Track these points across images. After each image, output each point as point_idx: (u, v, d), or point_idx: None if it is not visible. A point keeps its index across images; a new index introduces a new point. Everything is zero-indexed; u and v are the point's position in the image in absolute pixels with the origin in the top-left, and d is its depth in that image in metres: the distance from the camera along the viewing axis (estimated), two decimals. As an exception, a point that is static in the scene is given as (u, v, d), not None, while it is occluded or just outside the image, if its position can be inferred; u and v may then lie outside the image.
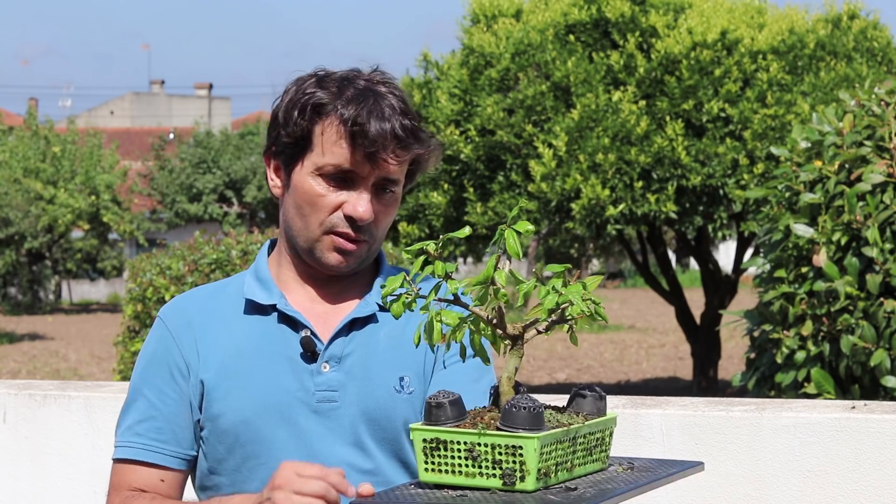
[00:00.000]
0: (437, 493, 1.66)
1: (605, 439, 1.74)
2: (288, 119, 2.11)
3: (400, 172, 2.12)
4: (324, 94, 2.10)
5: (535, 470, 1.61)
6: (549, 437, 1.63)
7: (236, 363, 2.11)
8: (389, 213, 2.14)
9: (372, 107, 2.07)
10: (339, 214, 2.10)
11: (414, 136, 2.09)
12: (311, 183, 2.10)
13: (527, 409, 1.62)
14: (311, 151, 2.10)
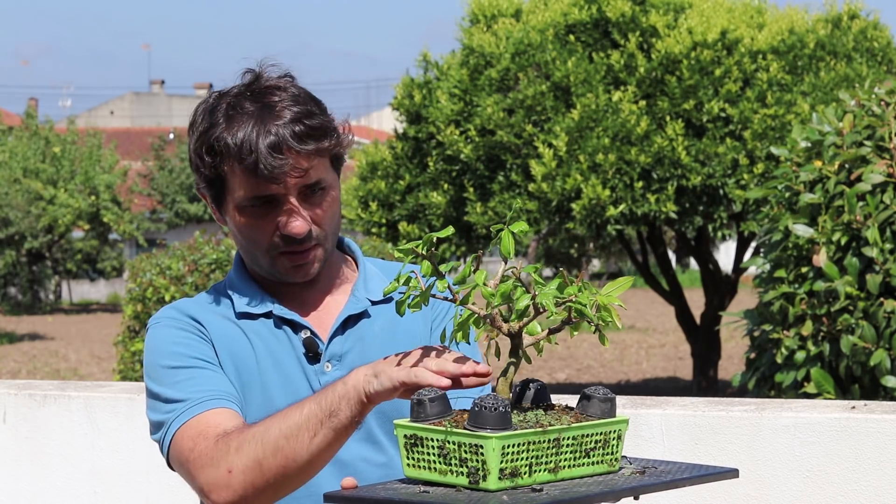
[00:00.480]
0: (405, 487, 1.70)
1: (609, 441, 1.73)
2: (198, 163, 2.10)
3: (315, 173, 2.08)
4: (217, 131, 2.07)
5: (497, 469, 1.62)
6: (513, 436, 1.63)
7: (248, 366, 2.12)
8: (327, 209, 2.12)
9: (259, 127, 2.04)
10: (277, 239, 2.09)
11: (310, 138, 2.06)
12: (241, 217, 2.10)
13: (490, 409, 1.64)
14: (228, 189, 2.10)
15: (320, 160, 2.09)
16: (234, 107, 2.08)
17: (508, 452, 1.63)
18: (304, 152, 2.05)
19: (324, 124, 2.09)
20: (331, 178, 2.13)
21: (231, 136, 2.05)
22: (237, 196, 2.09)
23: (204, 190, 2.15)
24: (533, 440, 1.66)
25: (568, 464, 1.70)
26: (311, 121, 2.07)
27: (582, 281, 1.73)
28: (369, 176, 13.05)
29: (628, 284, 1.77)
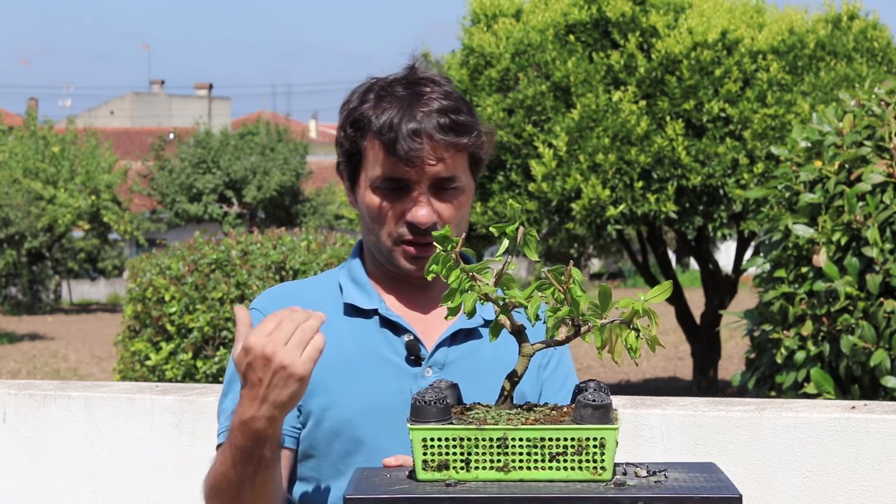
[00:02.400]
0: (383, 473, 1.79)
1: (589, 449, 1.71)
2: (341, 137, 2.15)
3: (452, 168, 2.11)
4: (364, 107, 2.12)
5: (420, 461, 1.70)
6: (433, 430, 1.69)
7: (339, 363, 2.11)
8: (456, 209, 2.13)
9: (406, 111, 2.08)
10: (401, 225, 2.11)
11: (452, 131, 2.08)
12: (372, 197, 2.12)
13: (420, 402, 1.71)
14: (363, 167, 2.14)
15: (458, 158, 2.11)
16: (385, 89, 2.13)
17: (433, 445, 1.69)
18: (443, 143, 2.07)
19: (468, 123, 2.11)
20: (466, 180, 2.14)
21: (376, 115, 2.10)
22: (371, 175, 2.11)
23: (343, 167, 2.18)
24: (465, 437, 1.69)
25: (524, 465, 1.70)
26: (457, 116, 2.10)
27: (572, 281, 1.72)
28: (369, 176, 13.05)
29: (669, 290, 1.77)
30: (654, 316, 1.73)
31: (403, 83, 2.14)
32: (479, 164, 2.17)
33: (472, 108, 2.16)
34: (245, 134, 34.96)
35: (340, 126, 2.15)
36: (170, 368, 8.64)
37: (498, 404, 1.81)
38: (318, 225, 32.70)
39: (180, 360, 8.64)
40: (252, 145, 34.14)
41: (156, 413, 3.72)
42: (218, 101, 57.90)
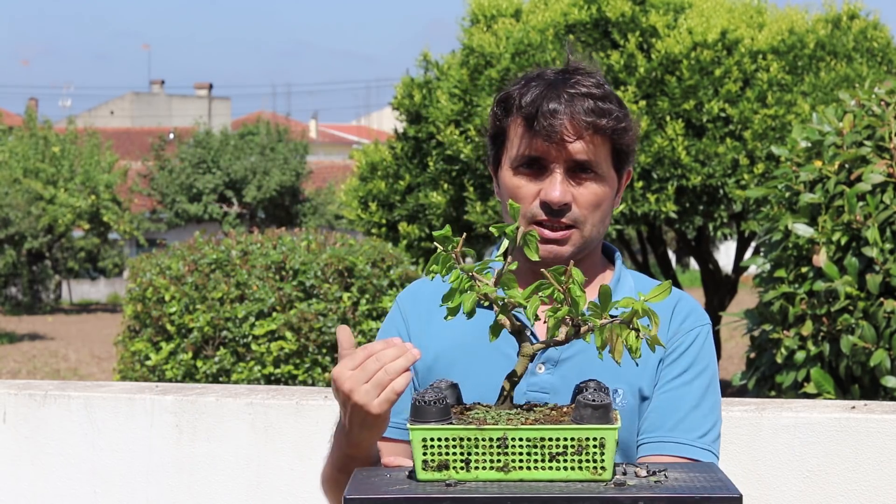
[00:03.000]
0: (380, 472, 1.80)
1: (589, 449, 1.70)
2: (491, 118, 2.20)
3: (590, 152, 2.10)
4: (513, 88, 2.16)
5: (420, 461, 1.70)
6: (434, 431, 1.69)
7: (454, 354, 2.13)
8: (592, 196, 2.12)
9: (550, 91, 2.10)
10: (537, 204, 2.11)
11: (593, 113, 2.08)
12: (510, 178, 2.14)
13: (430, 403, 1.72)
14: (506, 147, 2.16)
15: (599, 144, 2.10)
16: (539, 75, 2.16)
17: (432, 445, 1.69)
18: (582, 123, 2.07)
19: (611, 110, 2.10)
20: (606, 170, 2.13)
21: (521, 94, 2.13)
22: (511, 154, 2.14)
23: (489, 153, 2.21)
24: (466, 437, 1.69)
25: (524, 465, 1.70)
26: (602, 103, 2.10)
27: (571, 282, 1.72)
28: (369, 176, 13.06)
29: (669, 290, 1.77)
30: (653, 316, 1.73)
31: (557, 70, 2.16)
32: (622, 158, 2.15)
33: (624, 105, 2.15)
34: (245, 134, 34.96)
35: (493, 106, 2.20)
36: (170, 368, 8.64)
37: (498, 404, 1.81)
38: (318, 225, 32.70)
39: (180, 360, 8.64)
40: (252, 145, 34.14)
41: (156, 413, 3.72)
42: (218, 101, 57.89)
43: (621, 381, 2.10)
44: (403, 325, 2.21)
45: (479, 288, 1.77)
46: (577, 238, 2.12)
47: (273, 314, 8.57)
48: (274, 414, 3.59)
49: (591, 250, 2.19)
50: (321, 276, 8.68)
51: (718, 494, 1.69)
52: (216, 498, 3.65)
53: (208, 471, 3.66)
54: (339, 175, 35.78)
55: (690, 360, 2.15)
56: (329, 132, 58.70)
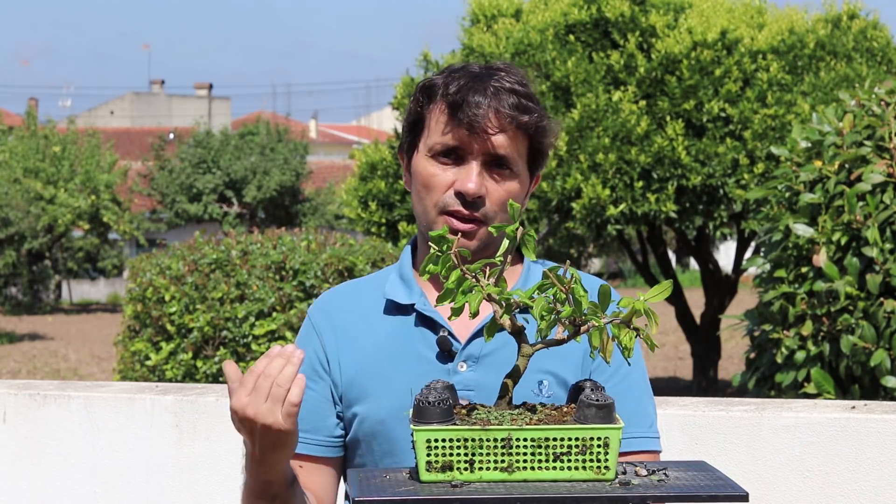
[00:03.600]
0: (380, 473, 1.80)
1: (593, 449, 1.71)
2: (410, 106, 2.18)
3: (509, 148, 2.10)
4: (437, 78, 2.16)
5: (423, 461, 1.69)
6: (439, 432, 1.68)
7: (374, 363, 2.12)
8: (505, 191, 2.12)
9: (475, 83, 2.10)
10: (450, 193, 2.11)
11: (517, 109, 2.09)
12: (426, 164, 2.13)
13: (433, 404, 1.71)
14: (423, 134, 2.15)
15: (519, 141, 2.12)
16: (464, 68, 2.16)
17: (437, 446, 1.69)
18: (506, 117, 2.08)
19: (535, 108, 2.12)
20: (521, 168, 2.14)
21: (446, 82, 2.13)
22: (430, 141, 2.13)
23: (404, 139, 2.20)
24: (470, 437, 1.68)
25: (528, 465, 1.70)
26: (525, 101, 2.11)
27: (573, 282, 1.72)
28: (369, 176, 13.06)
29: (669, 290, 1.77)
30: (653, 315, 1.73)
31: (480, 66, 2.17)
32: (538, 158, 2.17)
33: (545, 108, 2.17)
34: (245, 134, 34.96)
35: (411, 98, 2.18)
36: (170, 368, 8.64)
37: (498, 403, 1.81)
38: (318, 225, 32.69)
39: (180, 360, 8.64)
40: (252, 145, 34.13)
41: (156, 413, 3.72)
42: (218, 101, 57.89)
43: (546, 373, 2.10)
44: (317, 339, 2.19)
45: (483, 288, 1.77)
46: (483, 233, 2.13)
47: (273, 314, 8.57)
48: (274, 414, 3.59)
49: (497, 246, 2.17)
50: (321, 276, 8.68)
51: (725, 493, 1.70)
52: (216, 498, 3.65)
53: (208, 471, 3.66)
54: (339, 175, 35.77)
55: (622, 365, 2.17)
56: (329, 132, 58.70)
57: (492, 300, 1.78)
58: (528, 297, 1.75)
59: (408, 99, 14.03)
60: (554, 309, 1.73)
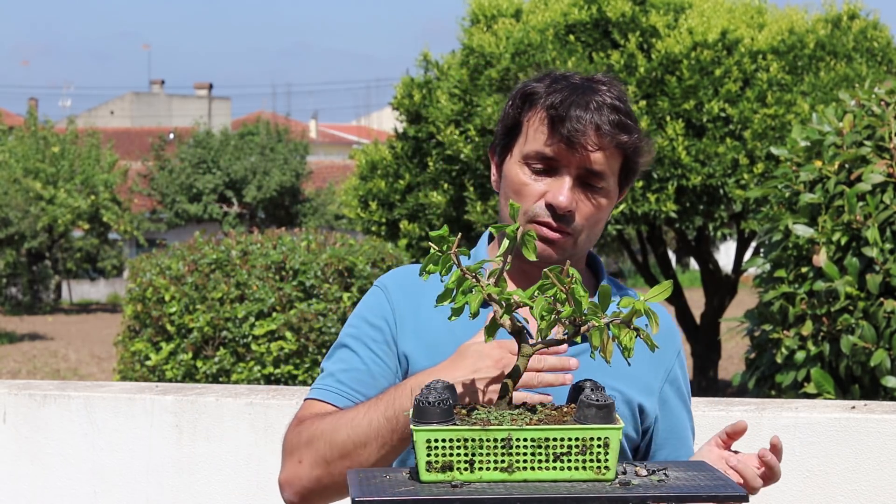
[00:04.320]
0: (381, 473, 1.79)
1: (593, 449, 1.71)
2: (507, 110, 2.17)
3: (604, 164, 2.10)
4: (538, 85, 2.14)
5: (423, 461, 1.69)
6: (439, 432, 1.68)
7: (443, 347, 2.10)
8: (596, 207, 2.12)
9: (577, 97, 2.09)
10: (540, 204, 2.10)
11: (617, 127, 2.09)
12: (517, 171, 2.13)
13: (433, 404, 1.71)
14: (519, 140, 2.14)
15: (614, 159, 2.11)
16: (564, 77, 2.15)
17: (437, 447, 1.69)
18: (607, 134, 2.08)
19: (633, 127, 2.12)
20: (613, 186, 2.14)
21: (548, 93, 2.12)
22: (525, 149, 2.12)
23: (497, 142, 2.19)
24: (470, 437, 1.68)
25: (528, 465, 1.70)
26: (625, 119, 2.10)
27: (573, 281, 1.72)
28: (369, 175, 13.06)
29: (669, 290, 1.76)
30: (653, 315, 1.73)
31: (581, 77, 2.16)
32: (630, 175, 2.16)
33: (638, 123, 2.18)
34: (245, 134, 34.95)
35: (509, 101, 2.17)
36: (170, 368, 8.64)
37: (498, 404, 1.81)
38: (318, 225, 32.69)
39: (180, 360, 8.64)
40: (252, 145, 34.13)
41: (156, 413, 3.72)
42: (218, 101, 57.89)
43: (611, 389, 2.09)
44: (391, 313, 2.17)
45: (483, 288, 1.77)
46: (569, 245, 2.13)
47: (273, 314, 8.57)
48: (274, 414, 3.59)
49: (578, 258, 2.19)
50: (321, 276, 8.68)
51: (725, 493, 1.69)
52: (216, 498, 3.65)
53: (208, 471, 3.66)
54: (339, 175, 35.77)
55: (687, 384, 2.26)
56: (329, 132, 58.69)
57: (492, 300, 1.78)
58: (528, 298, 1.75)
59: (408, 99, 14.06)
60: (554, 309, 1.72)
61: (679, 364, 2.24)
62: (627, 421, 2.13)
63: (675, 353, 2.23)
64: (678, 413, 2.24)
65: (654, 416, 2.19)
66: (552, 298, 1.74)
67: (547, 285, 1.74)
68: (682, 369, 2.25)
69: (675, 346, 2.24)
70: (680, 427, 2.25)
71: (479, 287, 1.77)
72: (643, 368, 2.15)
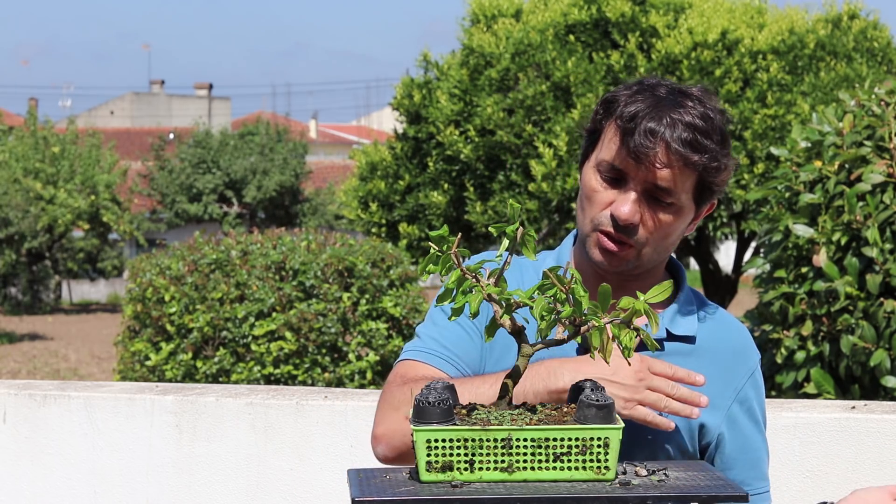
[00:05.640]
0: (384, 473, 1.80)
1: (593, 449, 1.71)
2: (594, 112, 2.16)
3: (671, 181, 2.07)
4: (622, 93, 2.12)
5: (423, 462, 1.69)
6: (439, 432, 1.69)
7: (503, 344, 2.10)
8: (662, 222, 2.09)
9: (655, 110, 2.06)
10: (606, 213, 2.10)
11: (689, 146, 2.05)
12: (591, 177, 2.13)
13: (433, 404, 1.71)
14: (597, 147, 2.14)
15: (686, 175, 2.07)
16: (652, 87, 2.11)
17: (437, 447, 1.69)
18: (675, 153, 2.05)
19: (709, 147, 2.07)
20: (685, 201, 2.10)
21: (627, 102, 2.09)
22: (599, 156, 2.11)
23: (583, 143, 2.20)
24: (470, 437, 1.68)
25: (528, 465, 1.70)
26: (703, 138, 2.06)
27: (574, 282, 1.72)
28: (369, 176, 13.06)
29: (669, 290, 1.76)
30: (653, 316, 1.72)
31: (670, 88, 2.12)
32: (706, 193, 2.12)
33: (728, 141, 2.11)
34: (245, 134, 34.98)
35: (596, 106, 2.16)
36: (170, 368, 8.65)
37: (498, 404, 1.81)
38: (318, 225, 32.70)
39: (180, 360, 8.64)
40: (252, 145, 34.15)
41: (156, 413, 3.72)
42: (218, 101, 57.90)
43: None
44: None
45: (483, 288, 1.77)
46: (632, 257, 2.12)
47: (273, 314, 8.58)
48: (274, 414, 3.59)
49: (652, 268, 2.17)
50: (321, 276, 8.68)
51: (725, 493, 1.69)
52: (216, 498, 3.65)
53: (208, 471, 3.66)
54: (339, 175, 35.78)
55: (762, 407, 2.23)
56: (329, 132, 58.70)
57: (492, 300, 1.77)
58: (528, 297, 1.75)
59: (408, 99, 14.09)
60: (554, 309, 1.72)
61: (752, 385, 2.20)
62: (682, 435, 2.12)
63: (748, 374, 2.20)
64: (749, 434, 2.19)
65: (718, 433, 2.16)
66: (552, 298, 1.73)
67: (547, 285, 1.74)
68: (755, 390, 2.20)
69: (749, 367, 2.20)
70: (750, 449, 2.20)
71: (478, 287, 1.77)
72: (711, 383, 2.11)
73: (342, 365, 8.69)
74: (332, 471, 3.48)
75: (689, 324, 2.17)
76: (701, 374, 1.97)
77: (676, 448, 2.12)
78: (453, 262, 1.77)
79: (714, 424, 2.15)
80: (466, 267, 1.78)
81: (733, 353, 2.19)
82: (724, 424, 2.16)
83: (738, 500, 1.70)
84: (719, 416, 2.16)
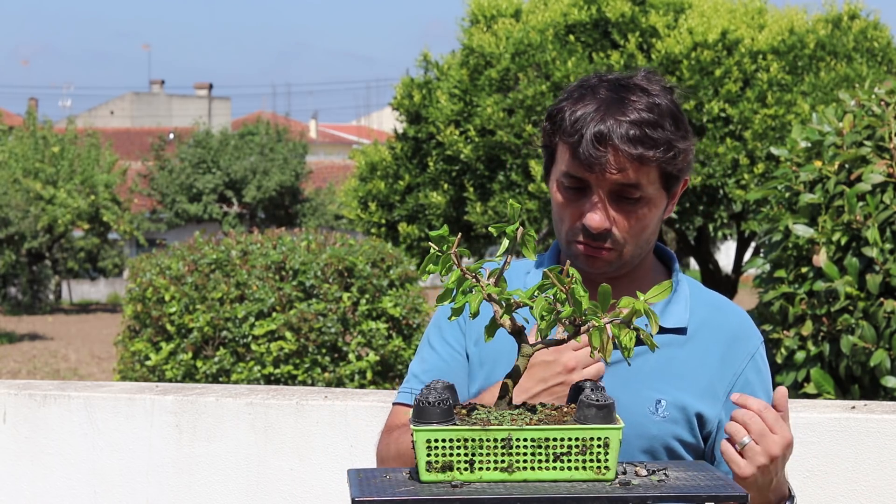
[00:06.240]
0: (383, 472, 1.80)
1: (593, 449, 1.70)
2: (543, 126, 2.13)
3: (636, 178, 2.04)
4: (564, 102, 2.09)
5: (423, 461, 1.69)
6: (439, 432, 1.69)
7: (501, 351, 2.09)
8: (637, 219, 2.08)
9: (598, 114, 2.03)
10: (578, 225, 2.08)
11: (640, 143, 2.02)
12: (556, 193, 2.11)
13: (433, 404, 1.71)
14: (554, 160, 2.11)
15: (646, 169, 2.04)
16: (592, 88, 2.08)
17: (437, 447, 1.69)
18: (626, 154, 2.02)
19: (661, 138, 2.03)
20: (654, 192, 2.07)
21: (570, 112, 2.06)
22: (558, 169, 2.10)
23: (544, 161, 2.17)
24: (470, 437, 1.68)
25: (528, 465, 1.70)
26: (653, 131, 2.03)
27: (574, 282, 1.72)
28: (369, 176, 13.06)
29: (669, 290, 1.76)
30: (653, 315, 1.72)
31: (612, 85, 2.08)
32: (672, 179, 2.09)
33: (682, 120, 2.08)
34: (245, 134, 34.98)
35: (546, 113, 2.13)
36: (170, 368, 8.65)
37: (498, 404, 1.81)
38: (318, 225, 32.71)
39: (180, 360, 8.64)
40: (252, 145, 34.15)
41: (156, 413, 3.72)
42: (218, 101, 57.90)
43: (667, 393, 2.09)
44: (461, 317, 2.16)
45: (483, 288, 1.77)
46: (614, 258, 2.10)
47: (273, 314, 8.58)
48: (274, 414, 3.59)
49: (640, 261, 2.15)
50: (321, 276, 8.68)
51: (725, 493, 1.69)
52: (216, 498, 3.65)
53: (208, 471, 3.66)
54: (339, 175, 35.79)
55: (766, 390, 2.21)
56: (329, 132, 58.71)
57: (492, 300, 1.77)
58: (528, 297, 1.75)
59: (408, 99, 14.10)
60: (554, 309, 1.72)
61: (753, 368, 2.17)
62: (680, 425, 2.10)
63: (747, 357, 2.16)
64: None
65: (717, 420, 2.13)
66: (552, 298, 1.73)
67: (547, 285, 1.74)
68: (756, 374, 2.18)
69: (748, 350, 2.17)
70: None
71: (479, 287, 1.77)
72: (708, 372, 2.11)
73: (342, 365, 8.69)
74: (332, 471, 3.48)
75: (681, 314, 2.13)
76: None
77: (677, 440, 2.10)
78: (453, 262, 1.77)
79: (713, 413, 2.13)
80: (466, 267, 1.78)
81: (731, 337, 2.16)
82: (724, 412, 2.12)
83: (737, 500, 1.70)
84: (717, 405, 2.13)
